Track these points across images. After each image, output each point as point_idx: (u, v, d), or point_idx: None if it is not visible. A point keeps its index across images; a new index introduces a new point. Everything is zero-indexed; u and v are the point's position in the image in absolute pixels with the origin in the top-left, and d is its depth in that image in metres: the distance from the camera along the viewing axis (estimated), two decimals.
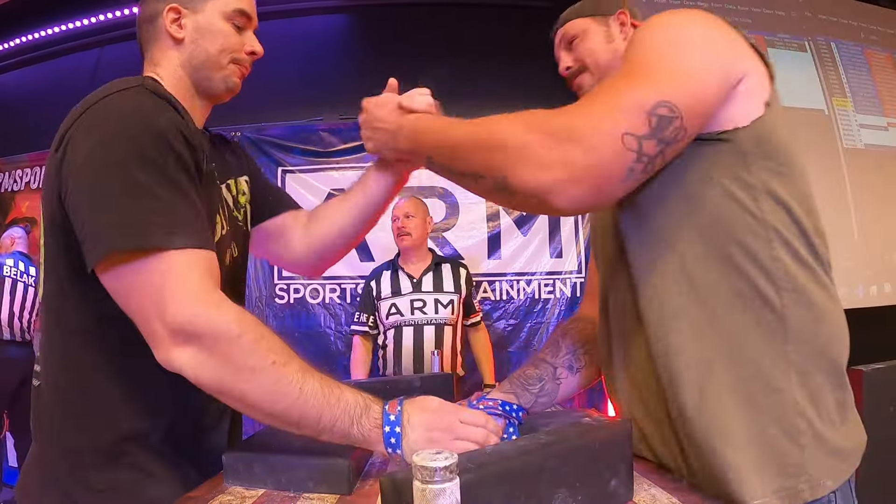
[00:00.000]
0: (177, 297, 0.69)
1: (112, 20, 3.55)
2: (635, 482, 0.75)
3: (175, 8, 0.91)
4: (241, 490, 0.80)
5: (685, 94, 0.65)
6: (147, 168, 0.72)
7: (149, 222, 0.70)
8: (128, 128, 0.74)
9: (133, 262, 0.70)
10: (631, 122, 0.63)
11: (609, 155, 0.63)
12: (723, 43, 0.71)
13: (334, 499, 0.76)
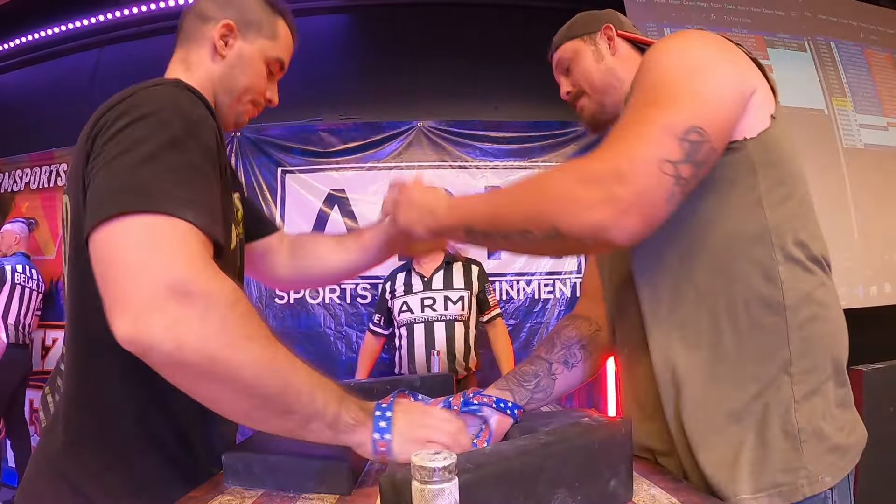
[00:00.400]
0: (174, 254, 0.60)
1: (112, 20, 3.55)
2: (635, 482, 0.75)
3: (231, 26, 0.92)
4: (241, 490, 0.80)
5: (711, 117, 0.69)
6: (175, 150, 0.68)
7: (164, 191, 0.63)
8: (162, 114, 0.71)
9: (134, 224, 0.61)
10: (666, 149, 0.66)
11: (651, 184, 0.65)
12: (734, 63, 0.75)
13: (334, 499, 0.76)
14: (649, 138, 0.67)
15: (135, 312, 0.57)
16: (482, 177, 3.28)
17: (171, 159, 0.67)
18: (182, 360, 0.58)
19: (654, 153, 0.66)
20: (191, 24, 0.94)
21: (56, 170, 3.54)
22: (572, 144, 3.29)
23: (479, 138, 3.29)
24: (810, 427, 0.73)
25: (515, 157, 3.30)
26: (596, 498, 0.68)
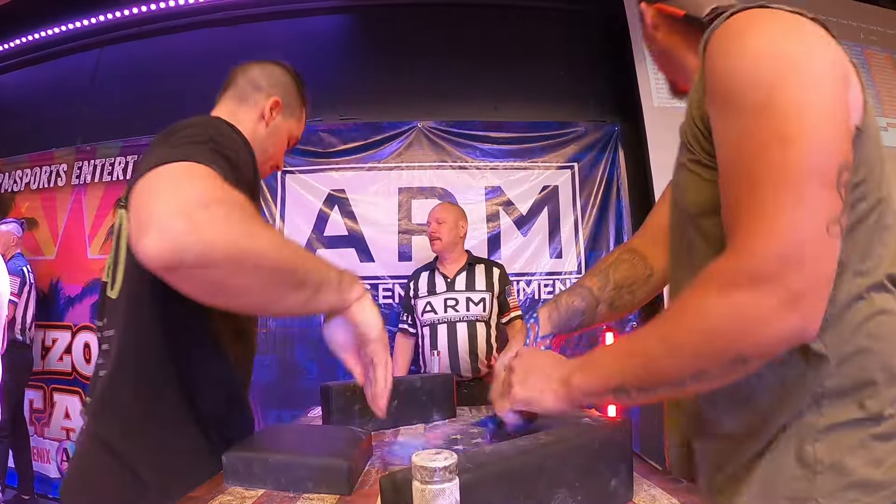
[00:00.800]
0: (197, 179, 0.67)
1: (112, 21, 3.55)
2: (635, 482, 0.75)
3: (279, 102, 1.15)
4: (241, 490, 0.80)
5: (843, 135, 0.57)
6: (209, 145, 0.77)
7: (194, 154, 0.71)
8: (205, 127, 0.83)
9: (167, 168, 0.67)
10: (828, 207, 0.54)
11: (824, 258, 0.55)
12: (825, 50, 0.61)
13: (334, 499, 0.76)
14: (803, 200, 0.54)
15: (163, 225, 0.59)
16: (482, 177, 3.28)
17: (203, 144, 0.77)
18: (213, 258, 0.60)
19: (817, 220, 0.54)
20: (243, 86, 1.17)
21: (56, 170, 3.54)
22: (572, 145, 3.29)
23: (479, 138, 3.29)
24: (830, 459, 0.66)
25: (515, 158, 3.30)
26: (596, 498, 0.68)
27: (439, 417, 1.33)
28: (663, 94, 3.19)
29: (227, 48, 3.49)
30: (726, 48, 0.62)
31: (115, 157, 3.43)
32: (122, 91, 3.55)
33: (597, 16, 3.42)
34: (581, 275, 3.24)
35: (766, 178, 0.56)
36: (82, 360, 3.34)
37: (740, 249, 0.57)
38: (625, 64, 3.25)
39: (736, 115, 0.59)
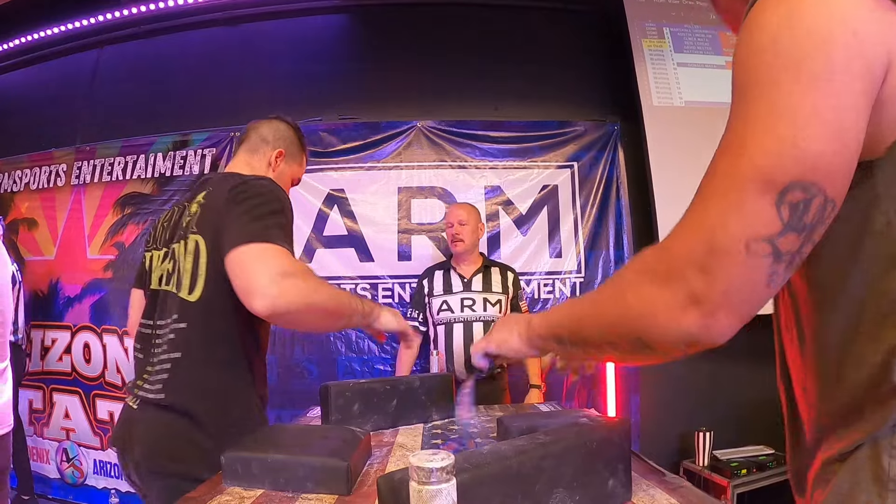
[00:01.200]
0: (278, 259, 1.08)
1: (112, 20, 3.54)
2: (634, 482, 0.76)
3: (282, 153, 1.47)
4: (240, 490, 0.80)
5: (823, 153, 0.48)
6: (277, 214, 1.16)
7: (271, 233, 1.11)
8: (272, 195, 1.20)
9: (256, 246, 1.09)
10: (757, 221, 0.50)
11: (741, 274, 0.51)
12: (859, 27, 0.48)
13: (332, 499, 0.76)
14: (731, 209, 0.51)
15: (263, 292, 1.04)
16: (482, 177, 3.28)
17: (276, 219, 1.15)
18: (295, 310, 1.07)
19: (738, 235, 0.50)
20: (255, 140, 1.47)
21: (56, 170, 3.54)
22: (571, 144, 3.29)
23: (478, 138, 3.29)
24: None
25: (515, 157, 3.29)
26: (594, 497, 0.68)
27: (438, 417, 1.33)
28: (663, 94, 3.19)
29: (226, 48, 3.49)
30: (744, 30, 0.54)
31: (115, 157, 3.42)
32: (121, 91, 3.55)
33: (596, 15, 3.42)
34: (581, 274, 3.24)
35: (711, 179, 0.54)
36: (82, 360, 3.34)
37: (665, 242, 0.57)
38: (624, 63, 3.25)
39: (733, 89, 0.55)
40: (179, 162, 3.34)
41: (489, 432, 1.20)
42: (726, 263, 0.51)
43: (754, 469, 2.75)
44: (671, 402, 3.22)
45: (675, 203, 3.06)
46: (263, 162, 1.44)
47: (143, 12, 3.46)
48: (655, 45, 3.24)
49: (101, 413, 3.30)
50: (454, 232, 2.63)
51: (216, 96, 3.43)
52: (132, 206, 3.36)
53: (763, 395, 3.14)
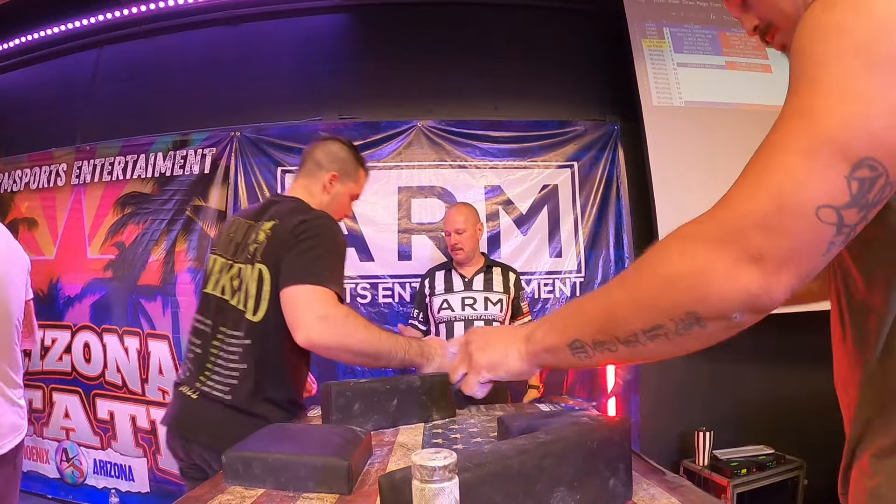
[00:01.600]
0: (322, 303, 1.27)
1: (111, 20, 3.54)
2: (634, 482, 0.76)
3: (335, 176, 1.59)
4: (241, 490, 0.80)
5: (889, 134, 0.49)
6: (333, 254, 1.37)
7: (324, 276, 1.30)
8: (330, 233, 1.40)
9: (308, 288, 1.28)
10: (828, 191, 0.50)
11: (808, 237, 0.51)
12: None
13: (334, 498, 0.76)
14: (805, 175, 0.50)
15: (306, 329, 1.26)
16: (482, 176, 3.28)
17: (328, 262, 1.34)
18: (330, 348, 1.30)
19: (811, 198, 0.50)
20: (311, 165, 1.59)
21: (56, 170, 3.54)
22: (572, 144, 3.29)
23: (478, 138, 3.29)
24: None
25: (515, 157, 3.30)
26: (595, 497, 0.68)
27: (439, 417, 1.33)
28: (663, 94, 3.19)
29: (226, 47, 3.49)
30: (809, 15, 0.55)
31: (115, 157, 3.43)
32: (121, 91, 3.55)
33: (596, 15, 3.42)
34: (581, 274, 3.24)
35: (777, 140, 0.53)
36: (82, 359, 3.34)
37: (720, 205, 0.55)
38: (624, 63, 3.25)
39: (791, 74, 0.56)
40: (179, 161, 3.34)
41: (489, 432, 1.20)
42: (796, 223, 0.50)
43: (754, 469, 2.75)
44: (671, 402, 3.22)
45: (675, 203, 3.06)
46: (319, 186, 1.58)
47: (143, 12, 3.46)
48: (655, 45, 3.24)
49: (100, 413, 3.31)
50: (453, 242, 2.64)
51: (216, 96, 3.44)
52: (132, 205, 3.36)
53: (763, 394, 3.15)
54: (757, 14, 0.76)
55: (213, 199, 3.27)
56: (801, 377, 3.11)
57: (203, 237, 3.25)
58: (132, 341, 3.26)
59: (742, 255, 0.52)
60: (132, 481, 3.23)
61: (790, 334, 3.07)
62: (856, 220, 0.51)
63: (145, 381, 3.23)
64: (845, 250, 0.62)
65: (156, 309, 3.25)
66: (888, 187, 0.50)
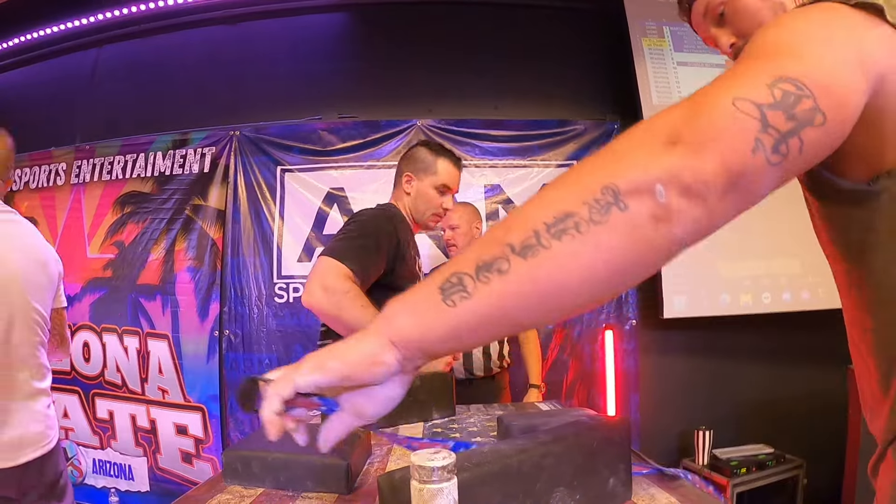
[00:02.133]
0: (329, 273, 1.40)
1: (111, 19, 3.54)
2: (634, 481, 0.76)
3: (410, 176, 1.75)
4: (240, 489, 0.80)
5: (815, 75, 0.50)
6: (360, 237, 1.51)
7: (342, 253, 1.43)
8: (364, 220, 1.58)
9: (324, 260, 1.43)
10: (745, 88, 0.48)
11: (722, 120, 0.47)
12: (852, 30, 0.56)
13: (333, 498, 0.76)
14: (727, 82, 0.50)
15: (308, 292, 1.40)
16: (482, 175, 3.28)
17: (354, 242, 1.49)
18: (324, 315, 1.43)
19: (728, 90, 0.48)
20: (396, 176, 1.80)
21: (55, 169, 3.54)
22: (571, 143, 3.29)
23: (478, 136, 3.29)
24: None
25: (515, 156, 3.29)
26: (595, 496, 0.68)
27: (439, 416, 1.33)
28: (663, 92, 3.19)
29: (225, 46, 3.49)
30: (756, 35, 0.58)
31: (115, 156, 3.42)
32: (120, 90, 3.55)
33: (597, 14, 3.41)
34: None
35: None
36: (81, 359, 3.34)
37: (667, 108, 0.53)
38: (624, 61, 3.24)
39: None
40: (179, 161, 3.34)
41: (489, 431, 1.20)
42: (711, 107, 0.48)
43: (754, 468, 2.75)
44: (671, 401, 3.22)
45: None
46: (401, 190, 1.76)
47: (143, 11, 3.45)
48: (655, 44, 3.24)
49: (100, 412, 3.30)
50: (446, 238, 2.64)
51: (216, 95, 3.43)
52: (132, 204, 3.36)
53: (763, 394, 3.16)
54: (735, 30, 0.76)
55: (212, 198, 3.27)
56: (801, 376, 3.11)
57: (202, 236, 3.25)
58: (132, 341, 3.26)
59: (664, 138, 0.47)
60: (132, 481, 3.23)
61: (790, 334, 3.07)
62: (785, 128, 0.47)
63: (145, 381, 3.23)
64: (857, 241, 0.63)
65: (155, 308, 3.25)
66: (818, 115, 0.49)
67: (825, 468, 2.83)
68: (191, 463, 3.17)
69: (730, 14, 0.76)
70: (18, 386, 1.53)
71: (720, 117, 0.47)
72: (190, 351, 3.19)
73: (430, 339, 0.49)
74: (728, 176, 0.46)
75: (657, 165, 0.46)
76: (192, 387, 3.18)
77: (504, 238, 0.46)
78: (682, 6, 0.84)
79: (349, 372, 0.51)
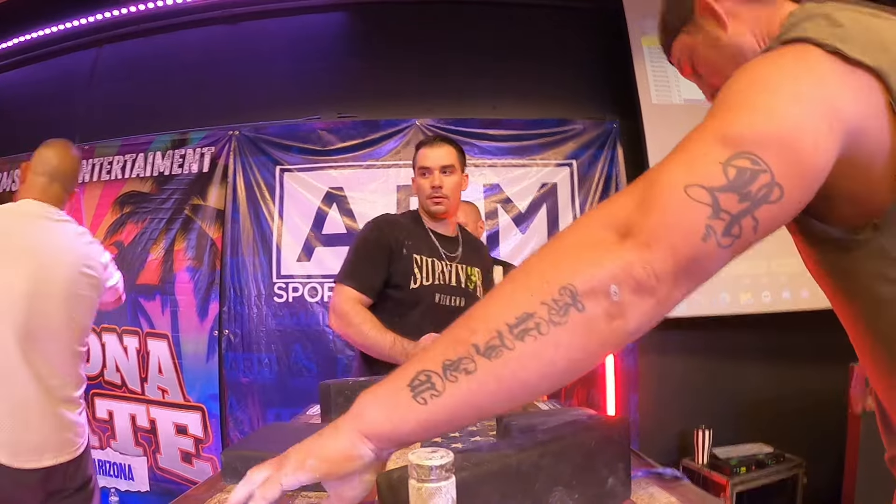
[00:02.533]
0: (339, 297, 1.65)
1: (110, 19, 3.54)
2: (633, 481, 0.75)
3: (412, 178, 1.86)
4: None
5: (774, 140, 0.50)
6: (357, 251, 1.72)
7: (346, 272, 1.69)
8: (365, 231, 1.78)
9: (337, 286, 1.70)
10: (698, 172, 0.50)
11: (674, 210, 0.49)
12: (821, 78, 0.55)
13: None
14: (680, 158, 0.52)
15: (330, 319, 1.72)
16: (481, 175, 3.28)
17: (350, 256, 1.72)
18: (340, 334, 1.73)
19: (682, 175, 0.50)
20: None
21: None
22: (571, 142, 3.29)
23: (477, 136, 3.29)
24: None
25: (514, 155, 3.29)
26: (594, 496, 0.68)
27: None
28: (662, 91, 3.19)
29: (225, 46, 3.48)
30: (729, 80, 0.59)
31: (114, 156, 3.42)
32: (120, 90, 3.55)
33: (596, 13, 3.41)
34: None
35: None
36: None
37: (625, 189, 0.55)
38: (623, 61, 3.24)
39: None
40: (178, 160, 3.34)
41: (488, 430, 1.20)
42: (662, 197, 0.49)
43: (753, 467, 2.75)
44: (670, 401, 3.22)
45: None
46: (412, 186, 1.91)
47: (142, 11, 3.45)
48: (655, 43, 3.21)
49: (99, 412, 3.30)
50: None
51: (215, 95, 3.43)
52: (131, 204, 3.36)
53: (763, 393, 3.16)
54: (708, 83, 0.80)
55: (211, 198, 3.27)
56: (800, 375, 3.11)
57: (202, 236, 3.25)
58: (131, 340, 3.26)
59: (617, 229, 0.50)
60: (132, 480, 3.23)
61: (790, 333, 3.07)
62: (736, 209, 0.48)
63: (145, 381, 3.23)
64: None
65: (155, 308, 3.25)
66: (776, 188, 0.49)
67: (825, 467, 2.83)
68: (190, 463, 3.17)
69: (699, 68, 0.79)
70: (52, 393, 1.52)
71: (671, 210, 0.49)
72: (189, 350, 3.19)
73: (403, 431, 0.51)
74: (678, 266, 0.49)
75: (610, 263, 0.48)
76: (192, 386, 3.18)
77: (469, 339, 0.49)
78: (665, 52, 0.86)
79: (328, 469, 0.53)
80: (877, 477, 1.83)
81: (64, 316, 1.57)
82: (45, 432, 1.49)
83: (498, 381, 0.49)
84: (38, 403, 1.49)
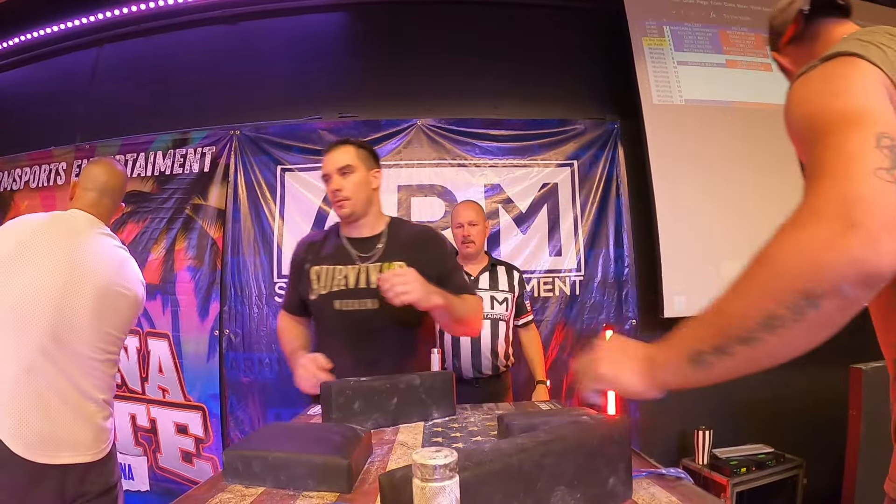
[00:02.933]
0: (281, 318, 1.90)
1: (111, 19, 3.54)
2: (634, 480, 0.76)
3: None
4: (241, 488, 0.80)
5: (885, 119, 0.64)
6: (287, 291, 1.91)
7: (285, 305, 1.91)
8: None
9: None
10: (870, 161, 0.58)
11: (883, 196, 0.56)
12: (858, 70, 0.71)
13: (334, 497, 0.76)
14: (848, 159, 0.60)
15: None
16: (482, 175, 3.28)
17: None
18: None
19: (864, 167, 0.58)
20: None
21: (55, 168, 3.54)
22: (571, 142, 3.29)
23: (478, 136, 3.29)
24: None
25: (515, 155, 3.29)
26: (595, 496, 0.68)
27: (439, 415, 1.33)
28: (663, 92, 3.19)
29: (226, 46, 3.49)
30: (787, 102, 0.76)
31: (115, 156, 3.42)
32: (121, 89, 3.55)
33: (597, 13, 3.42)
34: (581, 273, 3.24)
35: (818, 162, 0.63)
36: None
37: (808, 200, 0.61)
38: (624, 61, 3.25)
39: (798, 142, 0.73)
40: (179, 160, 3.34)
41: (489, 431, 1.20)
42: (866, 187, 0.56)
43: (753, 467, 2.75)
44: (671, 401, 3.19)
45: (674, 201, 3.06)
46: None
47: (143, 10, 3.46)
48: (656, 44, 3.24)
49: None
50: (465, 233, 2.57)
51: (216, 94, 3.43)
52: (132, 204, 3.36)
53: (763, 393, 3.15)
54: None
55: (212, 197, 3.27)
56: (800, 376, 3.10)
57: (203, 236, 3.25)
58: (132, 340, 3.26)
59: (839, 225, 0.56)
60: (132, 480, 3.23)
61: None
62: None
63: (145, 380, 3.23)
64: None
65: (155, 308, 3.25)
66: None
67: (825, 468, 2.83)
68: (191, 462, 3.17)
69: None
70: (78, 392, 1.52)
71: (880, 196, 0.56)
72: (190, 350, 3.19)
73: (685, 384, 0.72)
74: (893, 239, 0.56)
75: (841, 261, 0.56)
76: (193, 386, 3.18)
77: (729, 332, 0.65)
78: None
79: (622, 391, 0.79)
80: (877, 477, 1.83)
81: (94, 321, 1.57)
82: (64, 427, 1.49)
83: (750, 361, 0.65)
84: (59, 400, 1.49)
